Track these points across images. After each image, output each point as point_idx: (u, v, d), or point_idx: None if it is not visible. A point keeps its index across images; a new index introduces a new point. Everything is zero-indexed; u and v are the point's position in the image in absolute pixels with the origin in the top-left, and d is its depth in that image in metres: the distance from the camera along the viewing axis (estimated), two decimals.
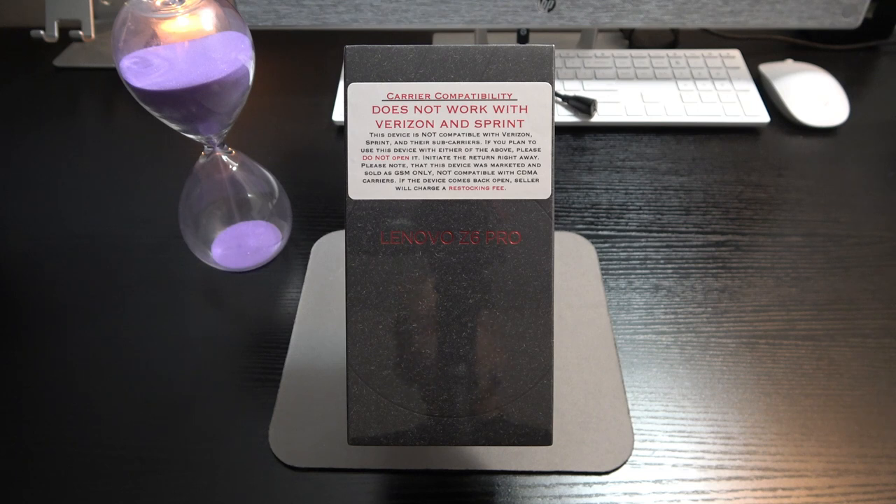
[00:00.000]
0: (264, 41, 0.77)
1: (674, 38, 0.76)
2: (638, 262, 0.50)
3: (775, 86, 0.66)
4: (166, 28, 0.37)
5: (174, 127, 0.41)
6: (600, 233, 0.53)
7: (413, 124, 0.29)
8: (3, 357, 0.45)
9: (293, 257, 0.51)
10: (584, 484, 0.38)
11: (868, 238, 0.52)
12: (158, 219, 0.55)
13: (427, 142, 0.29)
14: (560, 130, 0.64)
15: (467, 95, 0.29)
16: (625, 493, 0.37)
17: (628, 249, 0.51)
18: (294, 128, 0.65)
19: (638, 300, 0.47)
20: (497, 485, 0.38)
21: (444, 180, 0.29)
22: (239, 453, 0.39)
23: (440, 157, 0.29)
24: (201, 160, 0.47)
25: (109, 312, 0.47)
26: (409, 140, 0.29)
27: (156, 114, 0.40)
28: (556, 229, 0.53)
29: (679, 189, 0.57)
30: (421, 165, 0.29)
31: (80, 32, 0.69)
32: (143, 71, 0.38)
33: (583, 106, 0.63)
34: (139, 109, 0.67)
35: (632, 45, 0.76)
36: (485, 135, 0.29)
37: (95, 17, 0.70)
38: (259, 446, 0.39)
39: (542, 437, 0.30)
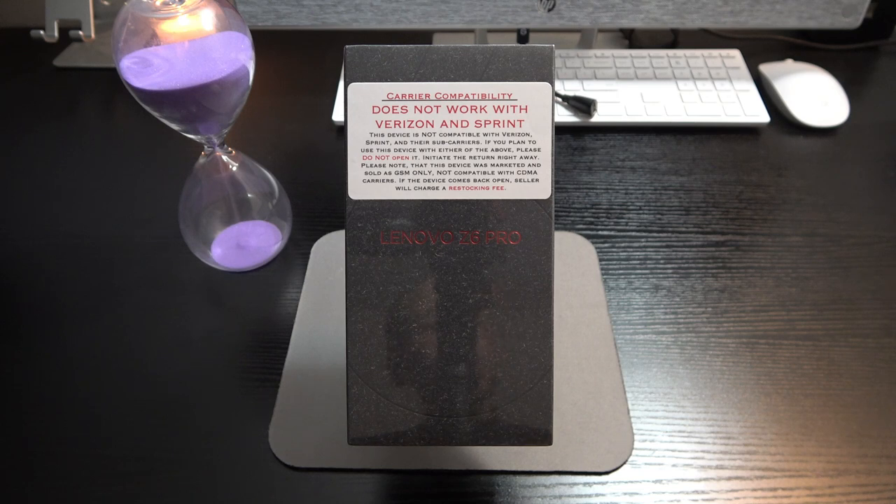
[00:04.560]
0: (264, 41, 0.77)
1: (674, 38, 0.76)
2: (638, 262, 0.50)
3: (775, 86, 0.66)
4: (166, 28, 0.37)
5: (174, 127, 0.41)
6: (600, 233, 0.53)
7: (413, 124, 0.29)
8: (3, 357, 0.45)
9: (293, 257, 0.51)
10: (584, 484, 0.38)
11: (868, 238, 0.52)
12: (158, 219, 0.55)
13: (427, 142, 0.29)
14: (560, 130, 0.64)
15: (467, 95, 0.29)
16: (625, 493, 0.37)
17: (628, 249, 0.51)
18: (294, 128, 0.65)
19: (638, 300, 0.47)
20: (497, 485, 0.38)
21: (444, 180, 0.29)
22: (239, 453, 0.39)
23: (440, 157, 0.29)
24: (201, 160, 0.47)
25: (109, 312, 0.47)
26: (409, 140, 0.29)
27: (156, 114, 0.40)
28: (556, 229, 0.53)
29: (679, 189, 0.57)
30: (421, 165, 0.29)
31: (80, 32, 0.69)
32: (143, 71, 0.38)
33: (583, 106, 0.63)
34: (139, 109, 0.67)
35: (632, 45, 0.76)
36: (485, 135, 0.29)
37: (95, 17, 0.70)
38: (259, 446, 0.39)
39: (542, 437, 0.30)
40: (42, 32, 0.69)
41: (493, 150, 0.29)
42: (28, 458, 0.39)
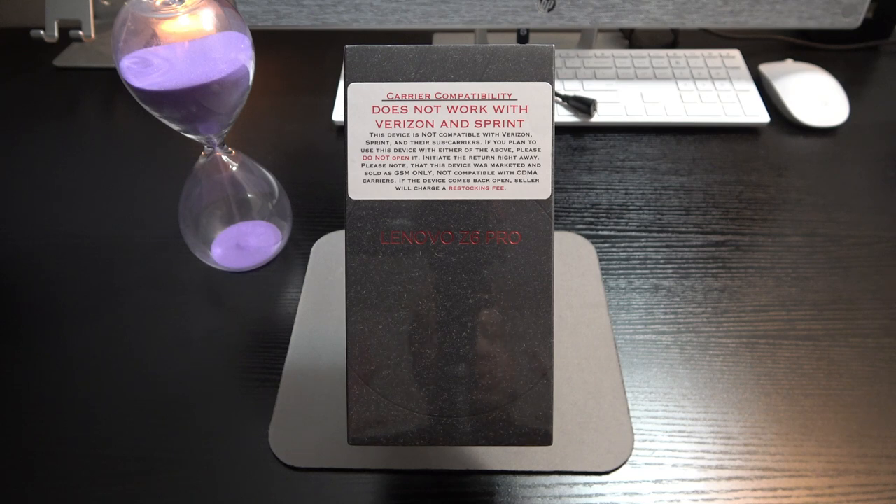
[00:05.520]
0: (264, 41, 0.77)
1: (674, 38, 0.76)
2: (638, 262, 0.50)
3: (775, 86, 0.66)
4: (166, 28, 0.37)
5: (174, 127, 0.41)
6: (600, 233, 0.53)
7: (413, 124, 0.29)
8: (2, 357, 0.45)
9: (293, 257, 0.51)
10: (584, 484, 0.38)
11: (868, 238, 0.52)
12: (158, 219, 0.55)
13: (427, 142, 0.29)
14: (560, 130, 0.64)
15: (467, 95, 0.29)
16: (625, 493, 0.37)
17: (628, 249, 0.51)
18: (294, 128, 0.65)
19: (638, 300, 0.47)
20: (497, 485, 0.38)
21: (444, 180, 0.29)
22: (239, 453, 0.39)
23: (440, 157, 0.29)
24: (201, 160, 0.47)
25: (109, 313, 0.47)
26: (409, 140, 0.29)
27: (156, 114, 0.40)
28: (556, 229, 0.53)
29: (679, 189, 0.57)
30: (421, 165, 0.29)
31: (80, 32, 0.69)
32: (143, 71, 0.38)
33: (583, 106, 0.63)
34: (139, 109, 0.67)
35: (632, 45, 0.76)
36: (485, 135, 0.29)
37: (95, 17, 0.70)
38: (259, 446, 0.39)
39: (542, 437, 0.30)
40: (42, 32, 0.69)
41: (493, 150, 0.29)
42: (28, 458, 0.39)
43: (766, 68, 0.69)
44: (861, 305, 0.47)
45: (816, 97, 0.64)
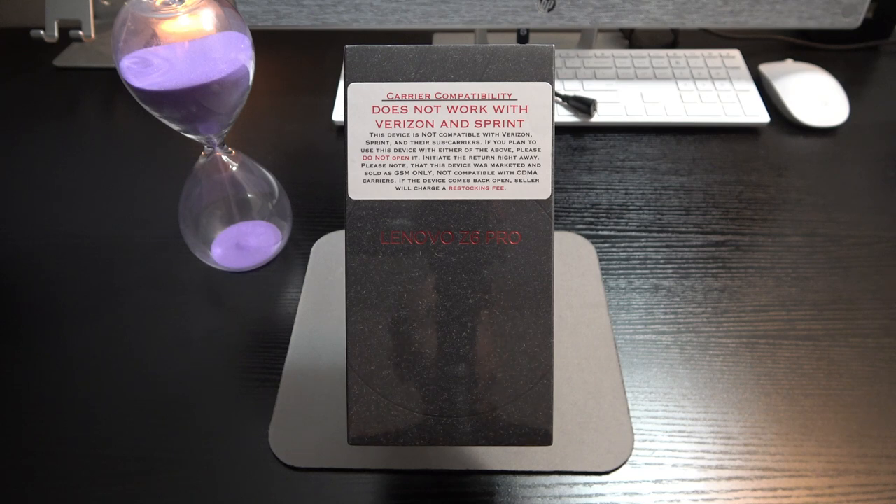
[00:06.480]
0: (264, 41, 0.77)
1: (674, 38, 0.76)
2: (638, 262, 0.50)
3: (775, 86, 0.66)
4: (166, 28, 0.37)
5: (174, 127, 0.41)
6: (600, 233, 0.53)
7: (413, 124, 0.29)
8: (3, 357, 0.45)
9: (293, 257, 0.51)
10: (584, 484, 0.38)
11: (868, 238, 0.52)
12: (158, 219, 0.55)
13: (427, 142, 0.29)
14: (560, 130, 0.64)
15: (467, 95, 0.29)
16: (625, 493, 0.37)
17: (628, 249, 0.51)
18: (294, 128, 0.65)
19: (638, 300, 0.47)
20: (497, 485, 0.38)
21: (444, 180, 0.29)
22: (239, 453, 0.39)
23: (440, 157, 0.29)
24: (201, 160, 0.47)
25: (109, 312, 0.47)
26: (409, 140, 0.29)
27: (156, 114, 0.40)
28: (556, 229, 0.53)
29: (679, 189, 0.57)
30: (421, 165, 0.29)
31: (80, 32, 0.69)
32: (143, 71, 0.38)
33: (583, 106, 0.63)
34: (139, 109, 0.67)
35: (632, 45, 0.76)
36: (485, 135, 0.29)
37: (95, 17, 0.70)
38: (259, 446, 0.39)
39: (542, 437, 0.30)
40: (42, 32, 0.69)
41: (493, 150, 0.29)
42: (28, 458, 0.39)
43: (766, 68, 0.69)
44: (861, 305, 0.47)
45: (816, 97, 0.64)
